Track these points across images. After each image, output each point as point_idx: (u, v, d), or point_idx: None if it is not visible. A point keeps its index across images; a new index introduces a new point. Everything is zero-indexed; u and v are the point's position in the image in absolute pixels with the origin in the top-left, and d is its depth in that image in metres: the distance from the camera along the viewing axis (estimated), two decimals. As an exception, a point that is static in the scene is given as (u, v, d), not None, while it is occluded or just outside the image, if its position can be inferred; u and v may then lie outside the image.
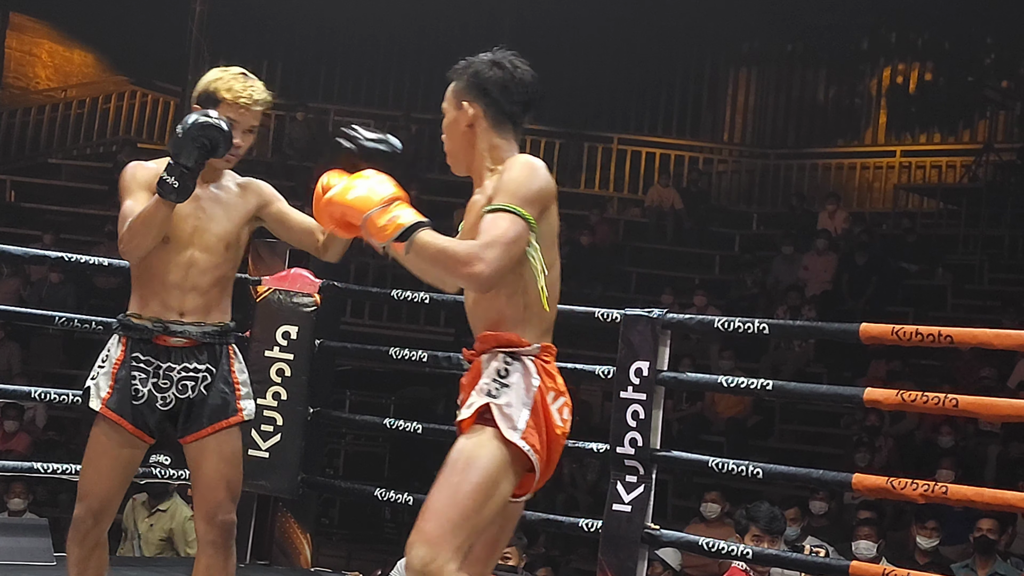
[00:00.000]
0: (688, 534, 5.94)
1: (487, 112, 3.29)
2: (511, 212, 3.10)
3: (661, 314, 5.23)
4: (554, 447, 3.20)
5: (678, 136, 17.23)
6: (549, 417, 3.18)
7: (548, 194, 3.21)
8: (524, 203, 3.13)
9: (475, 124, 3.31)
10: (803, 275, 13.28)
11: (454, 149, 3.37)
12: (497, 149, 3.31)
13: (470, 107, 3.30)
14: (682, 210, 15.32)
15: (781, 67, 17.37)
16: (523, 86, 3.31)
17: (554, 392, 3.22)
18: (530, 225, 3.13)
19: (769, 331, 5.10)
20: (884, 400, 4.64)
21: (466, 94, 3.31)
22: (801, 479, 5.25)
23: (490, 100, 3.29)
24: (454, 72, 3.35)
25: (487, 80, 3.29)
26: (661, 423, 5.22)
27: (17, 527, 6.35)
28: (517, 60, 3.33)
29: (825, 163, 16.61)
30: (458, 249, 3.08)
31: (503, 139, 3.31)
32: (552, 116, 17.03)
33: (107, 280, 13.21)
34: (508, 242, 3.08)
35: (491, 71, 3.29)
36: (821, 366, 12.06)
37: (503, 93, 3.29)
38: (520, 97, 3.31)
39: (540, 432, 3.16)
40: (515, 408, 3.15)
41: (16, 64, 16.87)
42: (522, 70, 3.32)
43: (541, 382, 3.19)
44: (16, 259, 10.89)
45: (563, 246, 14.50)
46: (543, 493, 11.36)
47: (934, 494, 4.45)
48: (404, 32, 16.54)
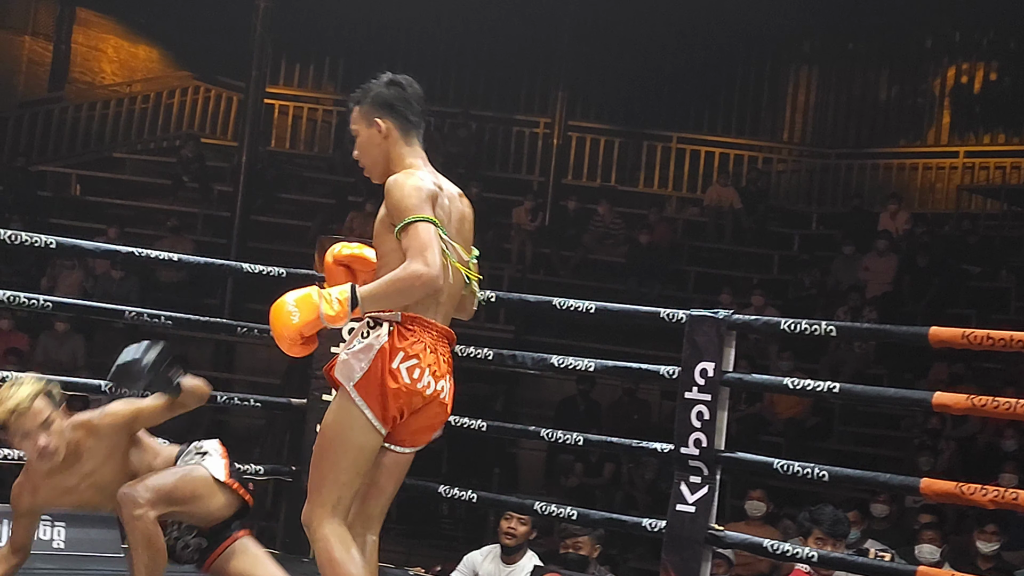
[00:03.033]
0: (750, 535, 5.92)
1: (395, 125, 3.83)
2: (415, 221, 3.62)
3: (727, 315, 5.23)
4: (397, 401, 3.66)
5: (737, 135, 17.15)
6: (383, 373, 3.64)
7: (426, 194, 3.69)
8: (418, 209, 3.64)
9: (388, 136, 3.83)
10: (863, 276, 13.20)
11: (371, 163, 3.88)
12: (404, 156, 3.82)
13: (382, 123, 3.83)
14: (741, 209, 15.27)
15: (843, 66, 17.24)
16: (417, 98, 3.87)
17: (404, 353, 3.67)
18: (432, 221, 3.65)
19: (836, 333, 5.09)
20: (953, 404, 4.62)
21: (374, 112, 3.84)
22: (868, 482, 5.22)
23: (396, 114, 3.83)
24: (356, 98, 3.89)
25: (390, 97, 3.84)
26: (727, 424, 5.22)
27: (85, 518, 6.39)
28: (406, 78, 3.90)
29: (887, 163, 16.48)
30: (400, 275, 3.60)
31: (410, 147, 3.84)
32: (611, 115, 17.04)
33: (170, 274, 13.34)
34: (429, 242, 3.60)
35: (390, 89, 3.85)
36: (881, 368, 11.99)
37: (405, 106, 3.84)
38: (417, 107, 3.86)
39: (371, 383, 3.65)
40: (356, 361, 3.66)
41: (82, 59, 17.04)
42: (414, 86, 3.89)
43: (388, 341, 3.66)
44: (84, 253, 11.10)
45: (621, 244, 14.38)
46: (601, 491, 11.40)
47: (1004, 500, 4.42)
48: (465, 29, 16.57)
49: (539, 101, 16.81)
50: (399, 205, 3.67)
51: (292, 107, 17.25)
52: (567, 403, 11.93)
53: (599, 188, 16.12)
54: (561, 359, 5.70)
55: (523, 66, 16.66)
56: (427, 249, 3.59)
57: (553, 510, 5.70)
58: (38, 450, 4.11)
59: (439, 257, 3.61)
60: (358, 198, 14.63)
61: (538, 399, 12.35)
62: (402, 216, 3.64)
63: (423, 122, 3.89)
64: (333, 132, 16.97)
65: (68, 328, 12.22)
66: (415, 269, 3.58)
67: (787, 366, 11.36)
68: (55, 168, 15.84)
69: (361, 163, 3.90)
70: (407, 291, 3.61)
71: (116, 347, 3.88)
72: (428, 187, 3.71)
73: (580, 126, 16.63)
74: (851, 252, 13.55)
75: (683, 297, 13.08)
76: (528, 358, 5.81)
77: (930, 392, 4.75)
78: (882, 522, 9.04)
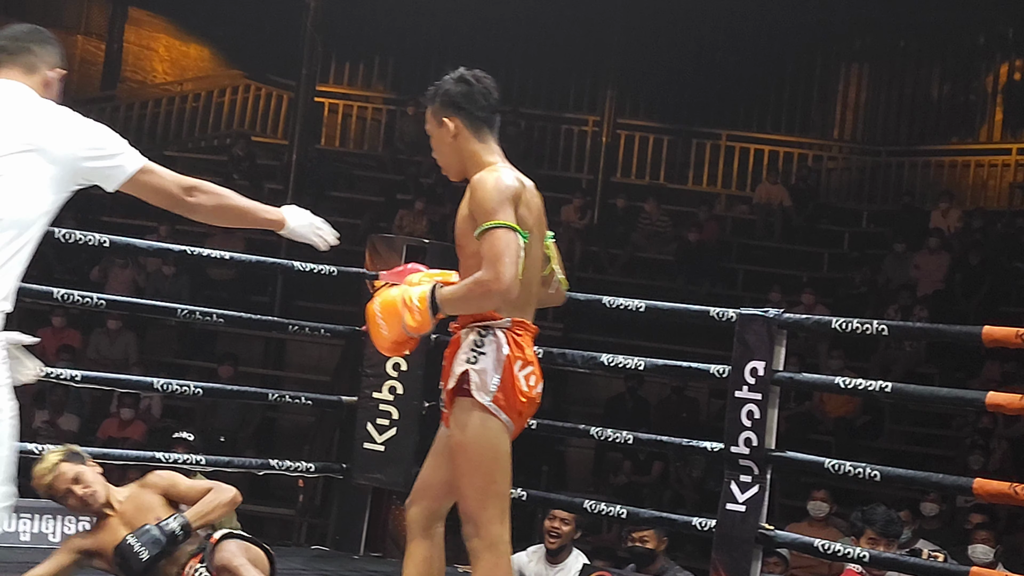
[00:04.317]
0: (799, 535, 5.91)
1: (464, 122, 3.80)
2: (494, 228, 3.61)
3: (777, 314, 5.21)
4: (522, 408, 3.73)
5: (787, 133, 17.07)
6: (515, 382, 3.69)
7: (510, 193, 3.68)
8: (498, 213, 3.62)
9: (457, 135, 3.81)
10: (915, 274, 13.12)
11: (445, 162, 3.88)
12: (478, 154, 3.80)
13: (449, 122, 3.81)
14: (790, 207, 15.21)
15: (894, 63, 17.13)
16: (486, 94, 3.83)
17: (521, 361, 3.71)
18: (512, 227, 3.62)
19: (888, 333, 5.06)
20: (1007, 404, 4.59)
21: (442, 111, 3.83)
22: (919, 482, 5.21)
23: (463, 112, 3.80)
24: (428, 97, 3.87)
25: (456, 95, 3.81)
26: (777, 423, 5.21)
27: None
28: (478, 73, 3.87)
29: (938, 160, 16.35)
30: (473, 285, 3.61)
31: (483, 143, 3.81)
32: (660, 113, 17.00)
33: (221, 271, 13.42)
34: (504, 251, 3.59)
35: (458, 87, 3.83)
36: (932, 366, 11.91)
37: (472, 102, 3.80)
38: (486, 103, 3.82)
39: (508, 394, 3.68)
40: (488, 374, 3.67)
41: (134, 58, 17.18)
42: (484, 81, 3.85)
43: (510, 351, 3.69)
44: (137, 252, 11.19)
45: (670, 242, 14.35)
46: (650, 490, 11.37)
47: (1059, 501, 4.39)
48: (514, 28, 16.57)
49: (588, 99, 16.80)
50: (481, 207, 3.66)
51: (342, 105, 17.32)
52: (616, 401, 11.93)
53: (648, 186, 16.09)
54: (611, 358, 5.70)
55: (572, 64, 16.65)
56: (500, 260, 3.58)
57: (603, 508, 5.71)
58: (80, 500, 4.67)
59: (514, 266, 3.59)
60: (407, 196, 14.67)
61: (587, 397, 12.34)
62: (483, 219, 3.64)
63: (495, 117, 3.84)
64: (383, 130, 17.04)
65: (120, 325, 12.32)
66: (487, 281, 3.58)
67: (837, 364, 11.31)
68: (107, 166, 15.95)
69: (439, 162, 3.91)
70: (481, 300, 3.64)
71: (168, 344, 3.93)
72: (512, 185, 3.70)
73: (629, 124, 16.61)
74: (902, 250, 13.47)
75: (732, 295, 13.04)
76: (578, 357, 5.81)
77: (983, 392, 4.72)
78: (932, 521, 8.99)
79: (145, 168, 3.53)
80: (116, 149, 3.49)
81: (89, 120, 3.49)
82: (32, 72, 3.56)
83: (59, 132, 3.43)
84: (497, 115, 3.86)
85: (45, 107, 3.49)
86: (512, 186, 3.69)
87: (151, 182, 3.56)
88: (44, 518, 5.86)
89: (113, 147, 3.49)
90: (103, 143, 3.48)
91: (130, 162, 3.50)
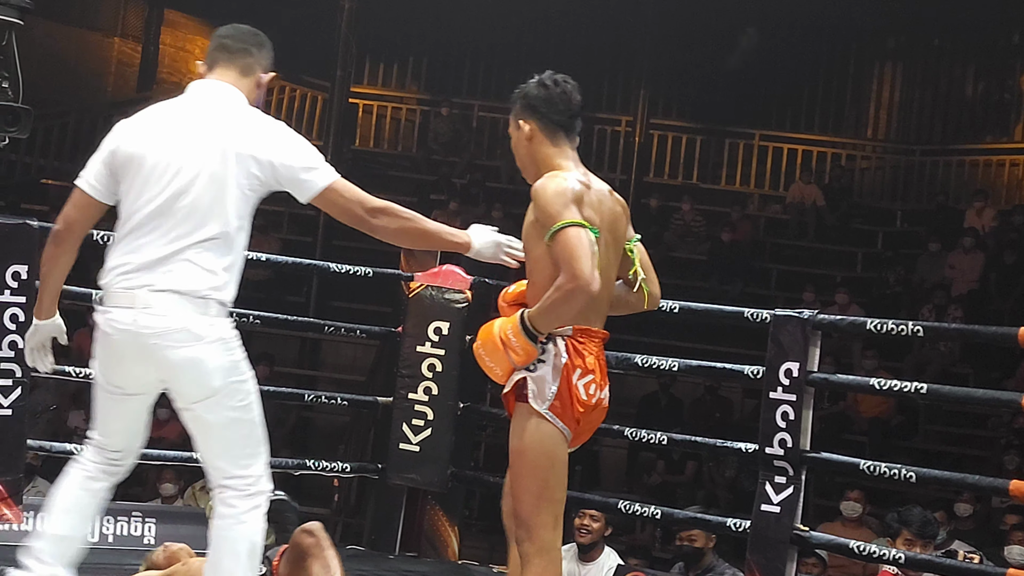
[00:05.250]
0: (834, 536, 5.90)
1: (540, 126, 3.84)
2: (563, 227, 3.63)
3: (812, 315, 5.21)
4: (579, 417, 3.77)
5: (820, 132, 17.03)
6: (573, 391, 3.74)
7: (572, 195, 3.70)
8: (563, 214, 3.65)
9: (533, 138, 3.85)
10: (949, 274, 13.07)
11: (521, 165, 3.93)
12: (552, 157, 3.84)
13: (525, 124, 3.86)
14: (824, 207, 15.18)
15: (928, 62, 17.06)
16: (565, 98, 3.86)
17: (581, 370, 3.76)
18: (580, 224, 3.65)
19: (924, 334, 5.06)
20: (1043, 405, 4.58)
21: (521, 114, 3.88)
22: (955, 483, 5.22)
23: (539, 115, 3.84)
24: (511, 101, 3.92)
25: (534, 99, 3.86)
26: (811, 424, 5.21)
27: (175, 515, 6.52)
28: (559, 77, 3.89)
29: (972, 159, 16.27)
30: (558, 294, 3.62)
31: (557, 148, 3.85)
32: (693, 113, 16.98)
33: (256, 272, 13.47)
34: (577, 248, 3.60)
35: (537, 91, 3.87)
36: (967, 366, 11.86)
37: (549, 106, 3.84)
38: (564, 108, 3.85)
39: (564, 402, 3.73)
40: (546, 382, 3.73)
41: (170, 59, 17.27)
42: (564, 85, 3.87)
43: (568, 359, 3.74)
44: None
45: (703, 242, 14.34)
46: (683, 490, 11.39)
47: (1094, 502, 4.38)
48: (548, 28, 16.59)
49: (621, 99, 16.79)
50: (545, 211, 3.69)
51: (376, 106, 17.37)
52: (649, 400, 11.93)
53: (681, 186, 16.09)
54: (645, 358, 5.71)
55: (605, 64, 16.65)
56: (574, 258, 3.59)
57: (637, 509, 5.72)
58: None
59: (589, 261, 3.61)
60: (441, 196, 14.71)
61: (619, 396, 12.23)
62: (549, 223, 3.66)
63: (574, 122, 3.88)
64: (417, 131, 17.08)
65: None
66: (566, 283, 3.60)
67: (871, 365, 11.28)
68: (143, 168, 16.06)
69: (517, 163, 3.95)
70: (568, 305, 3.64)
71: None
72: (572, 187, 3.72)
73: (662, 124, 16.60)
74: (936, 249, 13.43)
75: (765, 295, 13.03)
76: (612, 357, 5.78)
77: (1019, 393, 4.71)
78: (967, 522, 8.96)
79: (335, 185, 3.68)
80: (312, 163, 3.66)
81: (291, 131, 3.67)
82: (248, 74, 3.81)
83: (261, 140, 3.62)
84: (577, 120, 3.88)
85: (251, 114, 3.69)
86: (573, 188, 3.71)
87: (337, 200, 3.70)
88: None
89: (310, 160, 3.66)
90: (301, 155, 3.65)
91: (322, 177, 3.67)
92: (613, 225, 3.83)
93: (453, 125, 16.42)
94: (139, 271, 3.63)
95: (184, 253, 3.59)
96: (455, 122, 16.48)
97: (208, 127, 3.64)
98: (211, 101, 3.72)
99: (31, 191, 14.86)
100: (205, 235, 3.60)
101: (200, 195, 3.59)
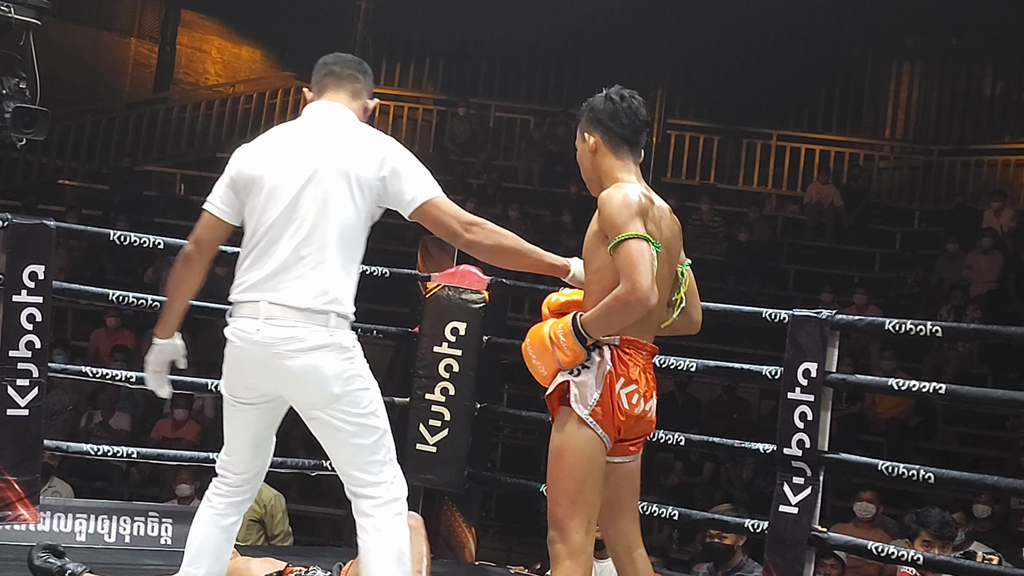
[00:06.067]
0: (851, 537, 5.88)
1: (604, 139, 3.90)
2: (626, 239, 3.68)
3: (830, 315, 5.20)
4: (620, 426, 3.82)
5: (838, 132, 16.99)
6: (615, 399, 3.79)
7: (637, 208, 3.75)
8: (628, 226, 3.70)
9: (597, 151, 3.91)
10: (967, 274, 13.02)
11: (587, 175, 3.98)
12: (615, 170, 3.89)
13: (590, 137, 3.92)
14: (842, 207, 15.14)
15: (946, 61, 17.00)
16: (631, 112, 3.90)
17: (624, 379, 3.81)
18: (643, 237, 3.71)
19: (942, 334, 5.04)
20: (1062, 407, 4.56)
21: (586, 127, 3.94)
22: (974, 484, 5.19)
23: (604, 128, 3.90)
24: (579, 112, 3.97)
25: (599, 112, 3.91)
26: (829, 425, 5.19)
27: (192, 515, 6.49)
28: (626, 92, 3.93)
29: (991, 159, 16.20)
30: (615, 302, 3.67)
31: (620, 161, 3.90)
32: (710, 113, 16.96)
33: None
34: (639, 260, 3.66)
35: (603, 104, 3.92)
36: (986, 367, 11.82)
37: (614, 119, 3.89)
38: (628, 121, 3.89)
39: (606, 410, 3.78)
40: (589, 388, 3.78)
41: (187, 60, 17.31)
42: (630, 100, 3.91)
43: (612, 368, 3.79)
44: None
45: (720, 242, 14.29)
46: (700, 491, 11.35)
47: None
48: (564, 28, 16.58)
49: (638, 99, 16.77)
50: (611, 222, 3.74)
51: (393, 107, 17.36)
52: (666, 400, 11.85)
53: (698, 186, 16.06)
54: (662, 359, 5.69)
55: (622, 64, 16.61)
56: (636, 270, 3.65)
57: (654, 510, 5.70)
58: None
59: (649, 274, 3.66)
60: (458, 197, 14.65)
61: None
62: (614, 234, 3.72)
63: (638, 136, 3.92)
64: (433, 131, 17.08)
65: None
66: (624, 293, 3.66)
67: (889, 365, 11.25)
68: (160, 168, 16.10)
69: (583, 176, 4.00)
70: (623, 315, 3.70)
71: (221, 345, 4.00)
72: (638, 200, 3.77)
73: (679, 124, 16.58)
74: (955, 250, 13.38)
75: (783, 295, 12.99)
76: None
77: (1038, 394, 4.68)
78: (985, 523, 8.92)
79: (434, 201, 3.85)
80: (419, 180, 3.85)
81: (400, 147, 3.86)
82: (357, 98, 4.00)
83: (374, 159, 3.81)
84: (643, 135, 3.94)
85: (364, 133, 3.88)
86: (639, 201, 3.76)
87: (435, 215, 3.88)
88: (100, 518, 5.92)
89: (417, 177, 3.84)
90: (409, 173, 3.84)
91: (423, 193, 3.84)
92: (670, 243, 3.89)
93: (470, 125, 16.42)
94: (262, 285, 3.81)
95: (303, 268, 3.76)
96: (472, 122, 16.47)
97: (323, 147, 3.81)
98: (326, 121, 3.89)
99: (48, 191, 14.91)
100: (323, 250, 3.76)
101: (317, 213, 3.76)
